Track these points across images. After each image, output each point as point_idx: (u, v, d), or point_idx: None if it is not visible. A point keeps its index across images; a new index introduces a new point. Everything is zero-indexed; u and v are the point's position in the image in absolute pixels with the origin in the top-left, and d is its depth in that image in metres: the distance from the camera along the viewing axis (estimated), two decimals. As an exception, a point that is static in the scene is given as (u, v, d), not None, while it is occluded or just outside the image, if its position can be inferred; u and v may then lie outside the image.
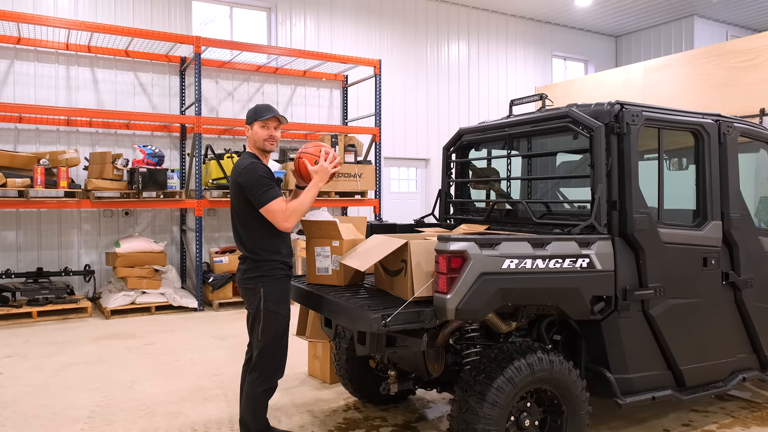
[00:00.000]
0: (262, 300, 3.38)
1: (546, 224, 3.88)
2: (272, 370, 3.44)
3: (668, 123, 3.76)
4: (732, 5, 12.83)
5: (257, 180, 3.34)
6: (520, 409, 3.27)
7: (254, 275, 3.41)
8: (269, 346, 3.40)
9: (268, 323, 3.38)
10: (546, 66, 13.91)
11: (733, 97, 6.81)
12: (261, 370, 3.42)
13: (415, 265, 3.17)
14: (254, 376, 3.43)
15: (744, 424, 4.22)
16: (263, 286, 3.38)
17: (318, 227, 3.81)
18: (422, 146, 12.10)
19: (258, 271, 3.40)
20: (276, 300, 3.41)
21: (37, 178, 7.37)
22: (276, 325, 3.40)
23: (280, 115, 3.55)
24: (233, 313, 8.23)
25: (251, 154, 3.56)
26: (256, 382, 3.42)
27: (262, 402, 3.46)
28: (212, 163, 8.68)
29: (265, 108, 3.56)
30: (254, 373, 3.44)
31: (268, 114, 3.51)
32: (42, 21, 7.41)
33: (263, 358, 3.41)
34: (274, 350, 3.41)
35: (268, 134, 3.53)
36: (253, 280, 3.41)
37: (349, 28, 11.25)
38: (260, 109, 3.56)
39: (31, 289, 7.71)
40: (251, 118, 3.55)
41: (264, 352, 3.41)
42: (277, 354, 3.44)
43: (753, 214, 4.20)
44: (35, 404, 4.59)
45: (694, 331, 3.80)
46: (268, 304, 3.38)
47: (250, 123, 3.55)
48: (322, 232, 3.79)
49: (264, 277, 3.40)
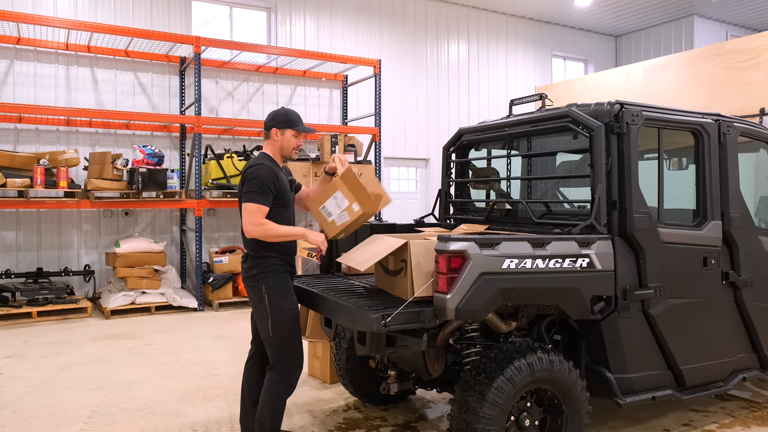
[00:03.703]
0: (266, 296, 3.39)
1: (546, 224, 3.88)
2: (289, 367, 3.42)
3: (668, 123, 3.75)
4: (732, 5, 12.83)
5: (258, 181, 3.33)
6: (520, 409, 3.27)
7: (255, 273, 3.43)
8: (281, 340, 3.39)
9: (275, 318, 3.39)
10: (546, 66, 13.92)
11: (733, 97, 6.80)
12: (278, 367, 3.40)
13: (415, 265, 3.17)
14: (272, 374, 3.41)
15: (744, 423, 4.22)
16: (264, 283, 3.40)
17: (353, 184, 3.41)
18: (422, 146, 12.10)
19: (258, 268, 3.42)
20: (279, 295, 3.41)
21: (36, 178, 7.37)
22: (284, 318, 3.40)
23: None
24: (233, 313, 8.23)
25: (269, 157, 3.52)
26: (275, 380, 3.40)
27: (281, 400, 3.42)
28: (212, 163, 8.68)
29: (299, 118, 3.55)
30: (272, 371, 3.42)
31: (304, 126, 3.54)
32: (42, 21, 7.42)
33: (277, 354, 3.40)
34: (286, 344, 3.40)
35: (298, 144, 3.56)
36: (254, 277, 3.43)
37: (349, 28, 11.25)
38: (295, 119, 3.53)
39: (31, 289, 7.71)
40: (284, 124, 3.50)
41: (277, 348, 3.40)
42: (291, 348, 3.41)
43: (753, 213, 4.20)
44: (35, 404, 4.59)
45: (694, 330, 3.80)
46: (272, 299, 3.39)
47: (282, 128, 3.50)
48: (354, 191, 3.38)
49: (264, 273, 3.41)
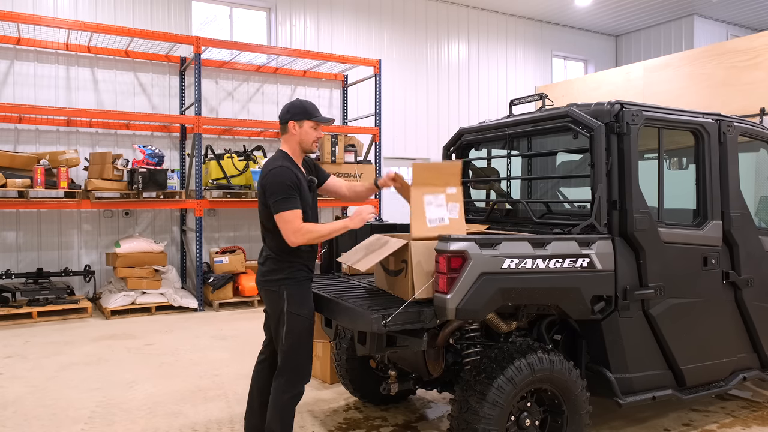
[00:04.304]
0: (286, 303, 3.27)
1: (546, 224, 3.88)
2: (298, 375, 3.33)
3: (668, 122, 3.75)
4: (732, 5, 12.83)
5: (280, 186, 3.19)
6: (521, 409, 3.27)
7: (277, 277, 3.30)
8: (294, 348, 3.30)
9: (291, 326, 3.28)
10: (546, 66, 13.91)
11: (733, 97, 6.80)
12: (286, 375, 3.31)
13: (415, 266, 3.17)
14: (280, 383, 3.31)
15: (744, 423, 4.22)
16: (287, 289, 3.28)
17: (431, 171, 3.37)
18: (422, 146, 12.10)
19: (280, 273, 3.30)
20: (299, 303, 3.30)
21: (37, 178, 7.37)
22: (300, 327, 3.30)
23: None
24: (233, 313, 8.23)
25: (286, 155, 3.37)
26: (282, 388, 3.30)
27: (290, 409, 3.33)
28: (212, 164, 8.68)
29: (315, 108, 3.40)
30: (279, 379, 3.32)
31: (322, 116, 3.40)
32: (42, 21, 7.41)
33: (288, 362, 3.31)
34: (298, 353, 3.31)
35: (318, 137, 3.41)
36: (275, 282, 3.30)
37: (349, 28, 11.25)
38: (311, 109, 3.38)
39: (32, 290, 7.71)
40: (301, 116, 3.35)
41: (288, 355, 3.30)
42: (302, 357, 3.33)
43: (753, 213, 4.20)
44: (35, 404, 4.59)
45: (695, 330, 3.80)
46: (292, 307, 3.27)
47: (299, 120, 3.35)
48: (436, 178, 3.35)
49: (287, 279, 3.29)
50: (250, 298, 8.69)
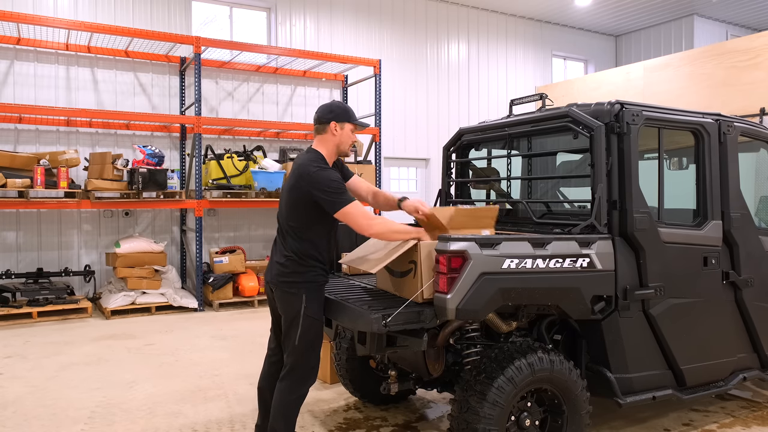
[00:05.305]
0: (304, 307, 3.24)
1: (546, 224, 3.88)
2: (305, 377, 3.33)
3: (668, 122, 3.75)
4: (732, 5, 12.83)
5: (330, 182, 3.17)
6: (521, 409, 3.27)
7: (297, 280, 3.27)
8: (306, 350, 3.29)
9: (306, 329, 3.26)
10: (546, 66, 13.91)
11: (733, 97, 6.80)
12: (294, 377, 3.30)
13: (425, 267, 3.16)
14: (287, 383, 3.31)
15: (744, 423, 4.22)
16: (306, 293, 3.25)
17: (468, 217, 3.40)
18: (422, 146, 12.10)
19: (301, 276, 3.27)
20: (317, 307, 3.30)
21: (37, 178, 7.36)
22: (313, 330, 3.29)
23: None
24: (233, 313, 8.23)
25: (320, 156, 3.33)
26: (290, 389, 3.30)
27: (294, 409, 3.33)
28: (212, 164, 8.68)
29: (353, 113, 3.44)
30: (288, 379, 3.31)
31: (361, 121, 3.43)
32: (42, 21, 7.41)
33: (297, 364, 3.30)
34: (309, 356, 3.31)
35: (353, 141, 3.43)
36: (295, 285, 3.27)
37: (349, 28, 11.25)
38: (352, 112, 3.41)
39: (32, 290, 7.70)
40: (344, 117, 3.35)
41: (299, 357, 3.29)
42: (311, 359, 3.33)
43: (753, 213, 4.20)
44: (35, 404, 4.59)
45: (695, 330, 3.80)
46: (309, 311, 3.26)
47: (341, 122, 3.34)
48: (472, 222, 3.40)
49: (308, 283, 3.27)
50: (250, 298, 8.69)
